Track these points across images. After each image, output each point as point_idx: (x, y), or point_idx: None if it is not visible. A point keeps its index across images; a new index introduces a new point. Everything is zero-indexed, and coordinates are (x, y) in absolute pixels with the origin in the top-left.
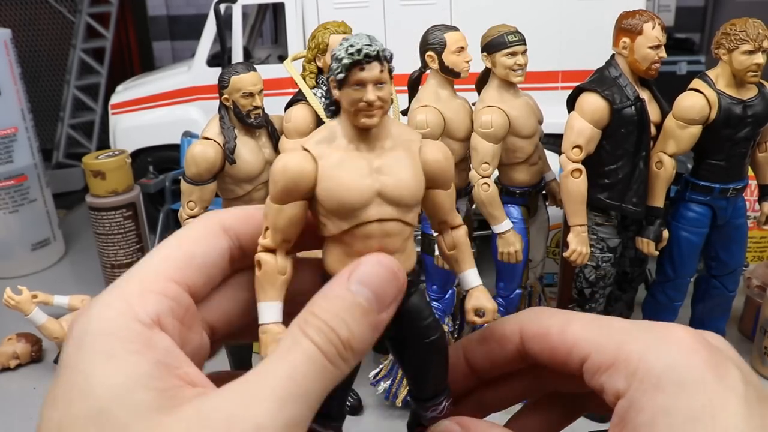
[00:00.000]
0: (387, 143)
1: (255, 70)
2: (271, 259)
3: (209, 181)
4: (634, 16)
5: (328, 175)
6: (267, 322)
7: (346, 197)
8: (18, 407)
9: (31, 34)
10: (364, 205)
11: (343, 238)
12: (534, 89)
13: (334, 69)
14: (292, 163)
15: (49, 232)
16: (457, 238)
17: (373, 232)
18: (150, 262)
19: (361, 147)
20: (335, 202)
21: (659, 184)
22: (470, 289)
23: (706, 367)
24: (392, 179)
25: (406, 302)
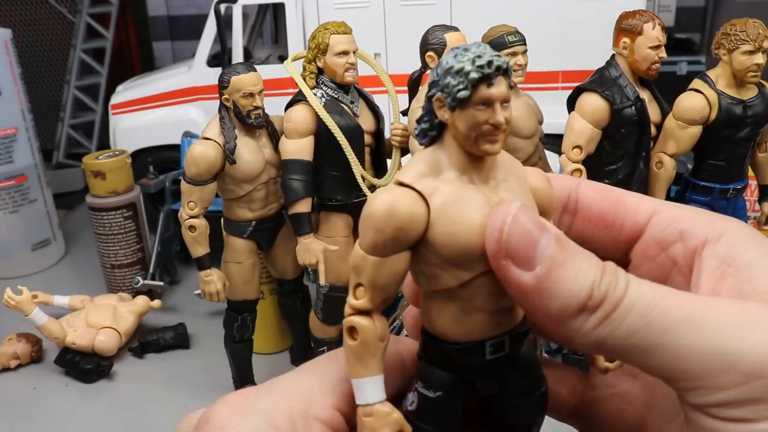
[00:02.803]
0: (499, 174)
1: (255, 70)
2: (370, 324)
3: (209, 182)
4: (634, 16)
5: (445, 216)
6: (372, 402)
7: (472, 241)
8: (18, 407)
9: (31, 35)
10: None
11: (462, 292)
12: (534, 89)
13: (452, 85)
14: (401, 204)
15: (49, 232)
16: None
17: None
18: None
19: (474, 179)
20: (457, 248)
21: (659, 185)
22: None
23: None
24: None
25: (518, 352)
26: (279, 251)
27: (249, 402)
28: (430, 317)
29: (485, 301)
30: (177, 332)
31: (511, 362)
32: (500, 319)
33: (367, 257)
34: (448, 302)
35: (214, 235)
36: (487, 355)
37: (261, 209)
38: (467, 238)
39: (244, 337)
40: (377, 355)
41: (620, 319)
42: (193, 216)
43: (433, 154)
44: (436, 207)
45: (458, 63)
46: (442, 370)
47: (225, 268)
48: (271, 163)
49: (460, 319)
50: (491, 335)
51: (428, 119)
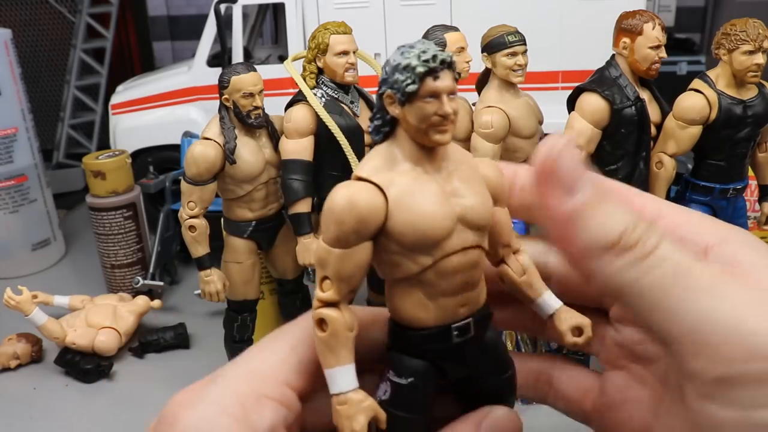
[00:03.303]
0: (451, 164)
1: (255, 70)
2: (338, 315)
3: (209, 182)
4: (634, 16)
5: (402, 205)
6: (345, 391)
7: (429, 227)
8: (18, 407)
9: (31, 34)
10: (447, 234)
11: (424, 277)
12: (534, 89)
13: (400, 81)
14: (360, 198)
15: (49, 232)
16: (524, 262)
17: (458, 265)
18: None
19: (428, 169)
20: (417, 235)
21: (659, 185)
22: (554, 312)
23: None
24: (470, 201)
25: (483, 336)
26: (279, 251)
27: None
28: (395, 305)
29: (447, 285)
30: (177, 332)
31: (477, 345)
32: (464, 303)
33: (331, 250)
34: (412, 289)
35: (214, 235)
36: (453, 338)
37: (261, 209)
38: (425, 224)
39: (244, 337)
40: (347, 344)
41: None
42: (193, 216)
43: (388, 148)
44: (393, 198)
45: (405, 59)
46: (412, 357)
47: (225, 268)
48: (271, 163)
49: (425, 304)
50: (456, 319)
51: (380, 116)
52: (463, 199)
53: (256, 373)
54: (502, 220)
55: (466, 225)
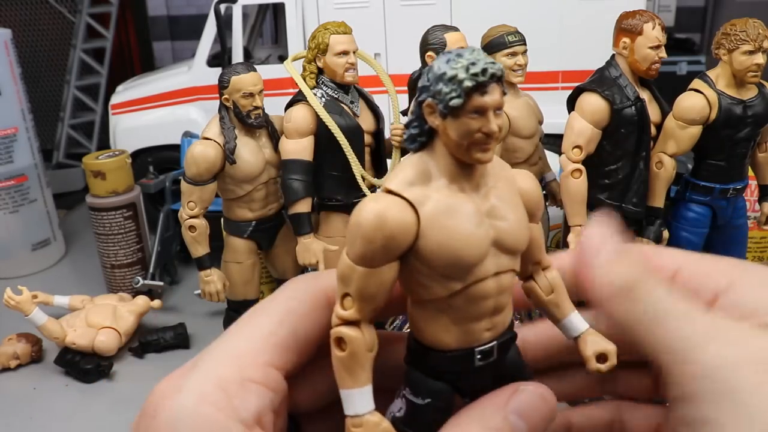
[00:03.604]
0: (490, 180)
1: (255, 70)
2: (358, 335)
3: (209, 182)
4: (634, 16)
5: (435, 226)
6: (362, 413)
7: (463, 251)
8: (18, 407)
9: (31, 34)
10: (481, 259)
11: (452, 302)
12: (534, 89)
13: (444, 92)
14: (391, 214)
15: (49, 232)
16: (553, 280)
17: (489, 290)
18: (249, 336)
19: (465, 187)
20: (448, 259)
21: (659, 185)
22: (580, 334)
23: None
24: (507, 223)
25: (505, 358)
26: (279, 251)
27: (179, 382)
28: (419, 326)
29: (476, 310)
30: (177, 332)
31: (498, 368)
32: (489, 327)
33: (356, 267)
34: (439, 312)
35: (214, 235)
36: (476, 362)
37: (261, 209)
38: (458, 247)
39: None
40: (365, 366)
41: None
42: (193, 216)
43: (422, 160)
44: (426, 216)
45: (451, 70)
46: (431, 378)
47: (225, 268)
48: (271, 163)
49: (449, 328)
50: (480, 343)
51: (418, 125)
52: (500, 221)
53: (237, 355)
54: (535, 237)
55: (501, 249)
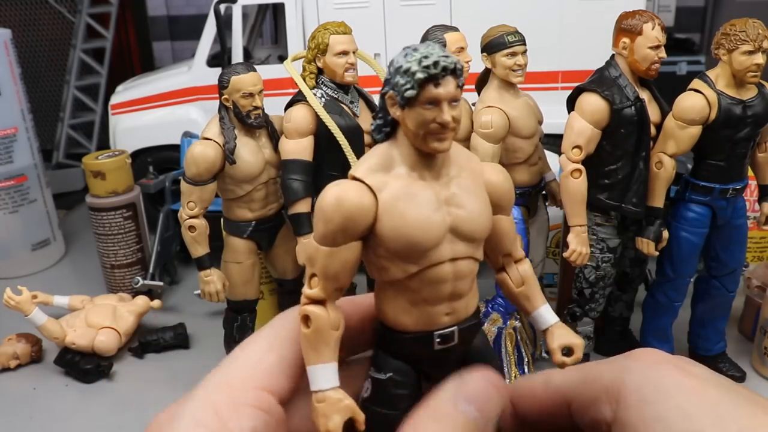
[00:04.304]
0: (452, 169)
1: (255, 70)
2: (323, 312)
3: (209, 182)
4: (633, 16)
5: (392, 210)
6: (325, 389)
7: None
8: (18, 407)
9: (31, 35)
10: (436, 244)
11: (410, 284)
12: (534, 89)
13: (400, 84)
14: (349, 196)
15: (49, 232)
16: (524, 273)
17: (445, 275)
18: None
19: (425, 175)
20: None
21: (659, 185)
22: (548, 327)
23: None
24: (465, 211)
25: (470, 345)
26: (279, 251)
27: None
28: (381, 307)
29: (432, 293)
30: (177, 332)
31: (465, 356)
32: (448, 312)
33: (319, 247)
34: (398, 293)
35: (214, 235)
36: (435, 345)
37: (261, 209)
38: (412, 232)
39: (243, 337)
40: (330, 343)
41: None
42: (192, 216)
43: (387, 149)
44: (384, 201)
45: (406, 63)
46: (394, 358)
47: (225, 268)
48: (271, 163)
49: (408, 309)
50: (439, 326)
51: (382, 116)
52: (459, 209)
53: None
54: (504, 229)
55: (458, 236)
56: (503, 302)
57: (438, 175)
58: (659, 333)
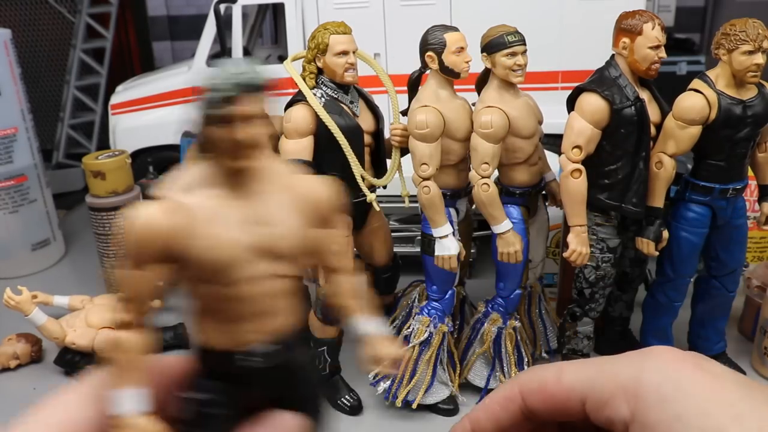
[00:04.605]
0: (266, 186)
1: None
2: (131, 336)
3: None
4: (633, 16)
5: (194, 230)
6: (132, 412)
7: (218, 256)
8: (18, 407)
9: (31, 35)
10: (238, 263)
11: (215, 304)
12: (534, 89)
13: (203, 104)
14: (144, 217)
15: (49, 232)
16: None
17: (251, 294)
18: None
19: (234, 194)
20: (205, 262)
21: (659, 185)
22: (365, 337)
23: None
24: (271, 229)
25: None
26: None
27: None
28: (193, 327)
29: (237, 312)
30: (177, 332)
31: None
32: (255, 330)
33: (122, 270)
34: (206, 312)
35: None
36: (236, 362)
37: None
38: (214, 253)
39: None
40: (139, 366)
41: None
42: None
43: (203, 166)
44: (186, 221)
45: (207, 83)
46: (208, 378)
47: None
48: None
49: (223, 331)
50: (243, 345)
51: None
52: (266, 227)
53: None
54: (325, 244)
55: (265, 254)
56: (503, 302)
57: (247, 193)
58: (659, 333)
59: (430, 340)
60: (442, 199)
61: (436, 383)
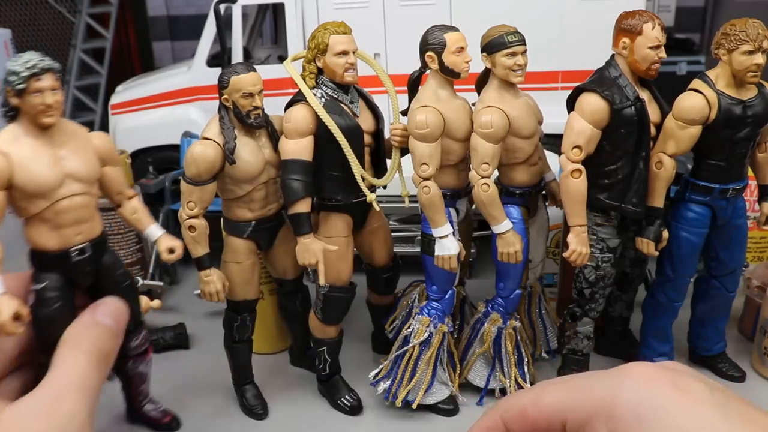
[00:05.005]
0: (64, 137)
1: (255, 70)
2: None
3: (209, 182)
4: (633, 16)
5: (23, 167)
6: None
7: (42, 182)
8: None
9: (31, 34)
10: (57, 186)
11: (45, 215)
12: (534, 89)
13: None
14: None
15: None
16: (134, 204)
17: (69, 206)
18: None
19: (44, 142)
20: (33, 187)
21: (659, 185)
22: (156, 239)
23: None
24: (75, 163)
25: (99, 261)
26: (279, 251)
27: None
28: (29, 237)
29: (63, 220)
30: (177, 332)
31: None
32: (79, 232)
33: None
34: (39, 223)
35: (213, 235)
36: (72, 258)
37: (261, 209)
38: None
39: (243, 337)
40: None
41: None
42: (192, 216)
43: (15, 127)
44: (18, 161)
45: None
46: (46, 272)
47: (224, 268)
48: (271, 163)
49: (49, 234)
50: (74, 244)
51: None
52: (70, 162)
53: None
54: (111, 175)
55: (73, 179)
56: (503, 302)
57: (53, 142)
58: (659, 333)
59: (430, 340)
60: (442, 199)
61: (436, 383)
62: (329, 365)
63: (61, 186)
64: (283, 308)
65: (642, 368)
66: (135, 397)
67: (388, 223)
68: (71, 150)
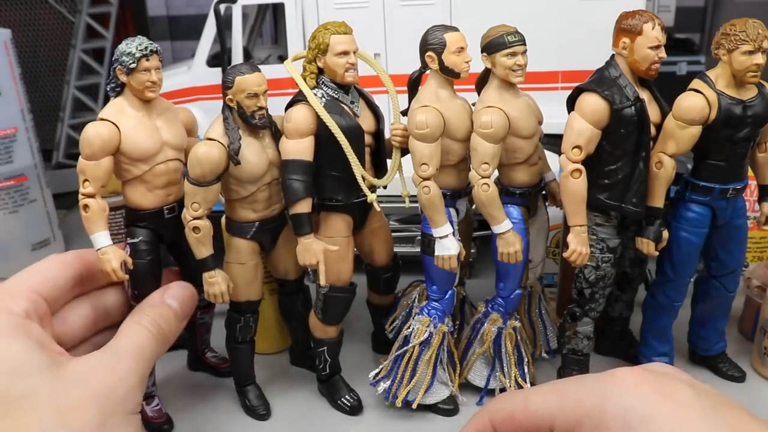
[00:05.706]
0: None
1: (259, 70)
2: (95, 202)
3: (213, 182)
4: (633, 16)
5: (128, 135)
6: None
7: (145, 148)
8: None
9: (31, 34)
10: (156, 152)
11: (144, 178)
12: (534, 89)
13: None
14: (101, 130)
15: (49, 232)
16: None
17: (165, 170)
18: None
19: (146, 114)
20: (138, 153)
21: (659, 185)
22: None
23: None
24: (170, 133)
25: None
26: (281, 252)
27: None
28: (127, 196)
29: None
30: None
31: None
32: (170, 193)
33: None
34: (137, 184)
35: (214, 235)
36: (165, 215)
37: (264, 210)
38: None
39: (246, 337)
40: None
41: None
42: (197, 217)
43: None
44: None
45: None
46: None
47: (227, 269)
48: (275, 164)
49: (145, 194)
50: (167, 203)
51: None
52: (166, 133)
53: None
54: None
55: (168, 146)
56: (503, 302)
57: (152, 115)
58: (659, 333)
59: (430, 340)
60: (442, 199)
61: (436, 383)
62: (329, 365)
63: (159, 152)
64: (283, 308)
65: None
66: (199, 346)
67: (388, 223)
68: (166, 121)
